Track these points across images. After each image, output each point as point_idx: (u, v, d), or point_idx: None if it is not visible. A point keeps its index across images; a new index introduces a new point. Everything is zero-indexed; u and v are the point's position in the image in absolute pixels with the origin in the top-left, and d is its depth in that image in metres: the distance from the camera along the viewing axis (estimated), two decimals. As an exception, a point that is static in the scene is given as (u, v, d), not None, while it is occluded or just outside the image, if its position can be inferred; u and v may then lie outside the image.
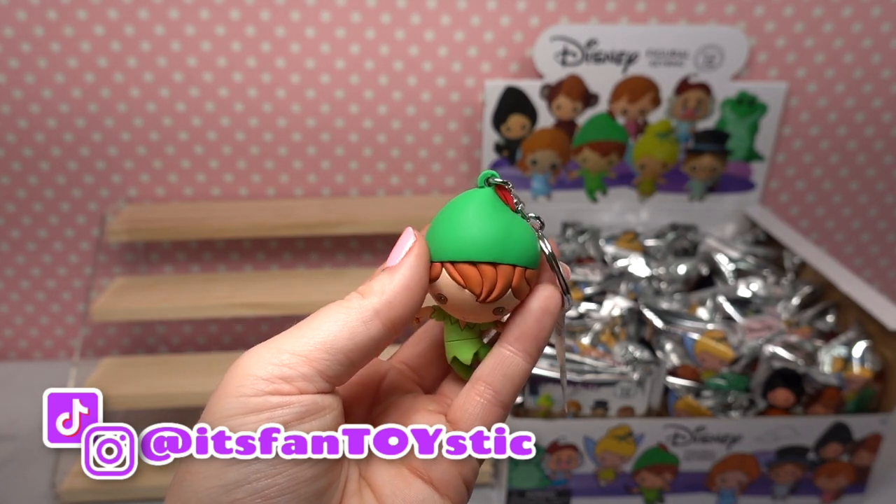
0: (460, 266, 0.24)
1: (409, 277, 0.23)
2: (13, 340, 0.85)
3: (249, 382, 0.21)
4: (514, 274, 0.24)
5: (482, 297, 0.24)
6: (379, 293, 0.23)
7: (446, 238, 0.25)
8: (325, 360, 0.22)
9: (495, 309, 0.24)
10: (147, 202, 0.80)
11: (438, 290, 0.25)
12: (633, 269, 0.72)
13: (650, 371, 0.58)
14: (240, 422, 0.21)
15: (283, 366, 0.22)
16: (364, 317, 0.23)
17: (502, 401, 0.25)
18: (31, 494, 0.64)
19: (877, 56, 0.78)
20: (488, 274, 0.24)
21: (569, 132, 0.78)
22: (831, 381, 0.57)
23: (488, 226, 0.24)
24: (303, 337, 0.22)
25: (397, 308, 0.23)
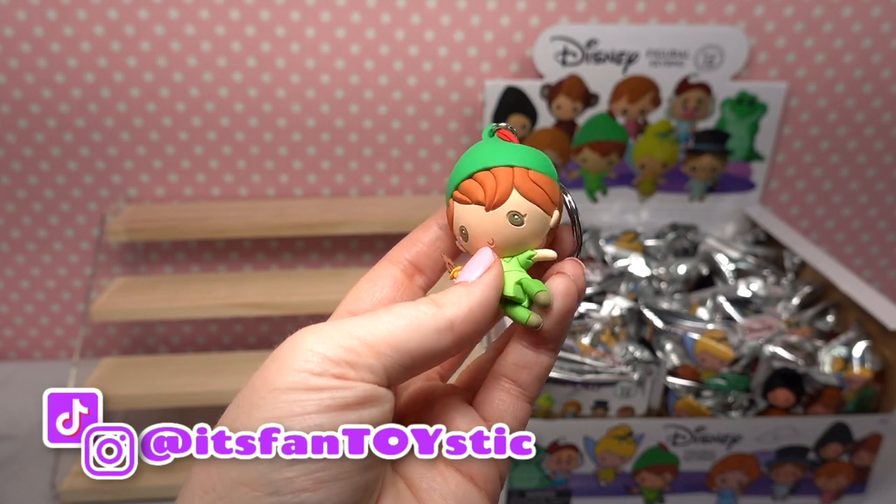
0: (461, 185, 0.24)
1: (487, 296, 0.23)
2: (13, 340, 0.85)
3: (316, 359, 0.21)
4: (515, 173, 0.24)
5: (486, 201, 0.24)
6: (457, 305, 0.23)
7: (449, 184, 0.25)
8: (391, 357, 0.22)
9: (511, 217, 0.24)
10: (147, 202, 0.80)
11: (458, 226, 0.25)
12: (633, 269, 0.72)
13: (650, 371, 0.58)
14: (297, 397, 0.20)
15: (352, 351, 0.21)
16: (439, 325, 0.22)
17: (529, 397, 0.25)
18: (31, 494, 0.64)
19: (877, 56, 0.78)
20: (484, 178, 0.24)
21: (569, 132, 0.78)
22: (831, 381, 0.57)
23: (486, 149, 0.25)
24: (375, 328, 0.22)
25: (471, 324, 0.23)
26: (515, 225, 0.24)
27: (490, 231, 0.24)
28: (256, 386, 0.21)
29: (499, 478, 0.24)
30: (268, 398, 0.20)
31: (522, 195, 0.24)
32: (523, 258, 0.25)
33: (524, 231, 0.24)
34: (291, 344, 0.21)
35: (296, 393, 0.20)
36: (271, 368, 0.21)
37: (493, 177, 0.24)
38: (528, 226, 0.24)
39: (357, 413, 0.21)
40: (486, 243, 0.24)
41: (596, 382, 0.57)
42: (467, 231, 0.24)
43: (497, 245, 0.24)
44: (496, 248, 0.24)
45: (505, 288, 0.24)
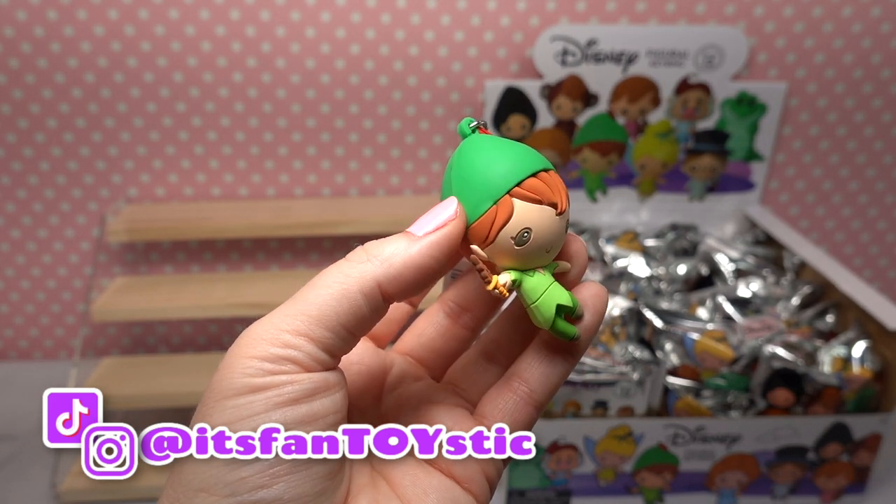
0: (527, 183, 0.22)
1: (430, 259, 0.21)
2: (13, 340, 0.85)
3: (252, 364, 0.20)
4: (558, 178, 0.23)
5: (561, 204, 0.22)
6: (386, 263, 0.21)
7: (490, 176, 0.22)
8: (328, 337, 0.21)
9: (567, 224, 0.23)
10: (147, 202, 0.80)
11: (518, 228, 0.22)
12: (633, 269, 0.72)
13: (650, 371, 0.58)
14: (245, 400, 0.20)
15: (287, 347, 0.21)
16: (364, 287, 0.21)
17: (536, 400, 0.24)
18: (31, 494, 0.64)
19: (877, 56, 0.78)
20: (551, 179, 0.22)
21: (569, 132, 0.78)
22: (831, 381, 0.57)
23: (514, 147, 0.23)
24: (301, 314, 0.21)
25: (400, 285, 0.21)
26: (565, 233, 0.23)
27: (555, 237, 0.22)
28: (206, 399, 0.21)
29: (485, 480, 0.24)
30: (216, 407, 0.20)
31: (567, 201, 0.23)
32: (550, 268, 0.23)
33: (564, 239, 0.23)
34: (229, 355, 0.21)
35: (242, 397, 0.20)
36: (216, 379, 0.21)
37: (558, 180, 0.22)
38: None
39: (308, 405, 0.21)
40: (544, 251, 0.22)
41: (596, 382, 0.57)
42: (531, 234, 0.22)
43: (551, 252, 0.23)
44: (549, 255, 0.23)
45: (563, 299, 0.22)
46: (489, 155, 0.22)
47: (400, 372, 0.26)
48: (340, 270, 0.21)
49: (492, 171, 0.22)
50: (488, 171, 0.22)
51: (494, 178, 0.22)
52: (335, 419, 0.21)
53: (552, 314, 0.22)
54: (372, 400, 0.26)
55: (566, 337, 0.23)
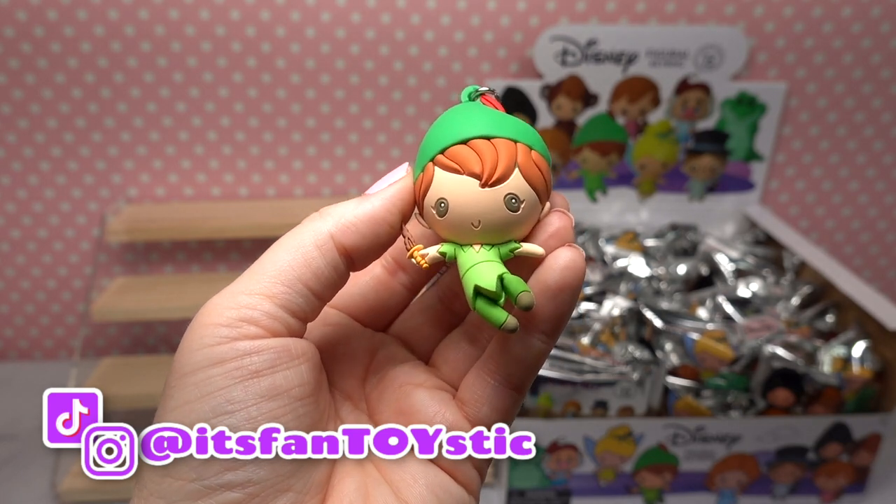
0: (450, 151, 0.21)
1: (379, 209, 0.21)
2: (13, 340, 0.85)
3: (210, 332, 0.20)
4: (518, 149, 0.21)
5: (485, 175, 0.20)
6: (338, 217, 0.21)
7: (427, 145, 0.21)
8: (285, 292, 0.20)
9: (509, 201, 0.20)
10: (147, 202, 0.80)
11: (435, 198, 0.21)
12: (633, 269, 0.72)
13: (650, 371, 0.58)
14: (205, 375, 0.20)
15: (243, 307, 0.20)
16: (318, 240, 0.21)
17: (514, 383, 0.23)
18: (31, 494, 0.64)
19: (877, 56, 0.78)
20: (483, 147, 0.20)
21: (569, 132, 0.78)
22: (831, 380, 0.57)
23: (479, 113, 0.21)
24: (257, 274, 0.21)
25: (354, 237, 0.21)
26: (511, 210, 0.20)
27: (479, 211, 0.20)
28: (169, 377, 0.20)
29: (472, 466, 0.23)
30: (178, 386, 0.20)
31: (524, 177, 0.21)
32: (505, 249, 0.21)
33: (517, 218, 0.21)
34: (188, 328, 0.21)
35: (202, 372, 0.20)
36: (177, 356, 0.20)
37: (494, 148, 0.20)
38: (523, 213, 0.21)
39: (270, 378, 0.20)
40: (470, 225, 0.21)
41: (596, 382, 0.57)
42: (447, 205, 0.20)
43: (483, 229, 0.21)
44: (480, 231, 0.21)
45: (481, 280, 0.20)
46: (444, 121, 0.22)
47: (386, 353, 0.25)
48: (294, 231, 0.21)
49: (432, 137, 0.21)
50: (430, 137, 0.21)
51: (429, 145, 0.21)
52: (301, 392, 0.21)
53: (471, 295, 0.20)
54: (356, 382, 0.25)
55: (493, 324, 0.20)
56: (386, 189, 0.22)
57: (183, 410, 0.20)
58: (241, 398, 0.20)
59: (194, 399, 0.20)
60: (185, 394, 0.20)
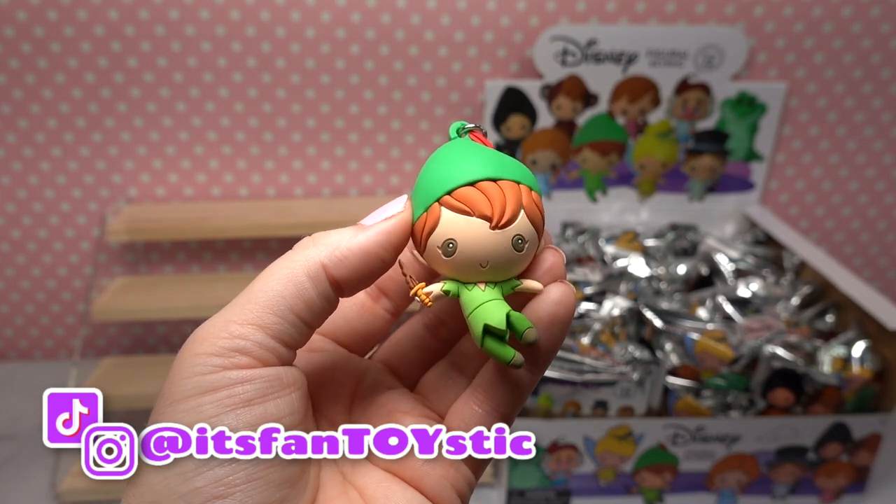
0: (458, 192, 0.21)
1: (373, 244, 0.21)
2: (13, 340, 0.85)
3: (201, 361, 0.20)
4: (522, 191, 0.21)
5: (496, 217, 0.20)
6: (331, 246, 0.21)
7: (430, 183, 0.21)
8: (277, 323, 0.20)
9: (516, 242, 0.21)
10: (147, 202, 0.80)
11: (443, 238, 0.21)
12: (633, 269, 0.72)
13: (650, 371, 0.58)
14: (195, 403, 0.19)
15: (235, 337, 0.20)
16: (310, 270, 0.21)
17: (502, 413, 0.23)
18: (31, 494, 0.64)
19: (877, 56, 0.78)
20: (492, 190, 0.21)
21: (569, 132, 0.78)
22: (831, 380, 0.57)
23: (478, 153, 0.22)
24: (249, 303, 0.21)
25: (346, 269, 0.21)
26: (517, 250, 0.21)
27: (489, 252, 0.21)
28: (158, 404, 0.20)
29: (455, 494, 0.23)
30: (167, 412, 0.20)
31: (529, 218, 0.21)
32: (507, 287, 0.22)
33: (521, 257, 0.21)
34: (179, 354, 0.21)
35: (193, 400, 0.20)
36: (167, 383, 0.20)
37: (502, 191, 0.21)
38: (526, 252, 0.21)
39: (262, 406, 0.20)
40: (478, 266, 0.21)
41: (596, 382, 0.57)
42: (456, 246, 0.21)
43: (490, 268, 0.21)
44: (487, 270, 0.21)
45: (491, 319, 0.21)
46: (444, 159, 0.22)
47: (372, 380, 0.25)
48: (287, 258, 0.21)
49: (434, 176, 0.22)
50: (432, 175, 0.22)
51: (432, 184, 0.21)
52: (291, 421, 0.21)
53: (479, 334, 0.21)
54: (342, 408, 0.25)
55: (500, 360, 0.21)
56: (382, 223, 0.21)
57: None
58: (231, 426, 0.19)
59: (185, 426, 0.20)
60: (175, 420, 0.20)
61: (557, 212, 0.81)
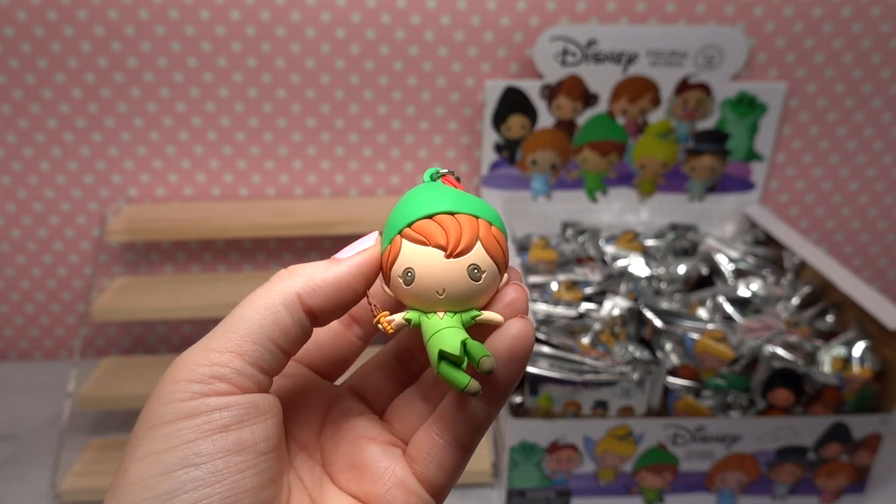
0: (416, 224, 0.22)
1: (346, 276, 0.22)
2: (13, 340, 0.85)
3: (182, 388, 0.21)
4: (480, 224, 0.22)
5: (450, 247, 0.22)
6: (306, 277, 0.22)
7: (395, 219, 0.23)
8: (255, 350, 0.21)
9: (471, 271, 0.22)
10: (147, 202, 0.80)
11: (403, 267, 0.22)
12: (633, 269, 0.72)
13: (650, 371, 0.58)
14: (174, 428, 0.20)
15: (215, 365, 0.21)
16: (286, 299, 0.22)
17: (462, 444, 0.23)
18: (31, 494, 0.64)
19: (877, 56, 0.78)
20: (448, 221, 0.22)
21: (569, 132, 0.78)
22: (831, 380, 0.57)
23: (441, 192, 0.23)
24: (228, 332, 0.22)
25: (320, 299, 0.22)
26: (473, 280, 0.22)
27: (444, 280, 0.22)
28: (137, 428, 0.21)
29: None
30: (146, 437, 0.20)
31: (485, 249, 0.22)
32: (467, 317, 0.23)
33: (479, 287, 0.22)
34: (160, 381, 0.21)
35: (172, 425, 0.20)
36: (147, 408, 0.21)
37: (458, 223, 0.22)
38: (484, 283, 0.22)
39: (238, 433, 0.21)
40: (434, 294, 0.22)
41: (596, 382, 0.57)
42: (414, 275, 0.22)
43: (447, 297, 0.22)
44: (444, 299, 0.22)
45: (446, 345, 0.21)
46: (411, 198, 0.23)
47: (342, 406, 0.26)
48: (264, 289, 0.22)
49: (399, 212, 0.23)
50: (398, 212, 0.23)
51: (397, 220, 0.23)
52: (265, 447, 0.21)
53: (435, 358, 0.22)
54: (312, 433, 0.25)
55: (455, 386, 0.22)
56: (354, 256, 0.23)
57: (151, 461, 0.20)
58: (207, 451, 0.20)
59: (163, 450, 0.20)
60: (154, 444, 0.20)
61: (557, 212, 0.81)
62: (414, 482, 0.24)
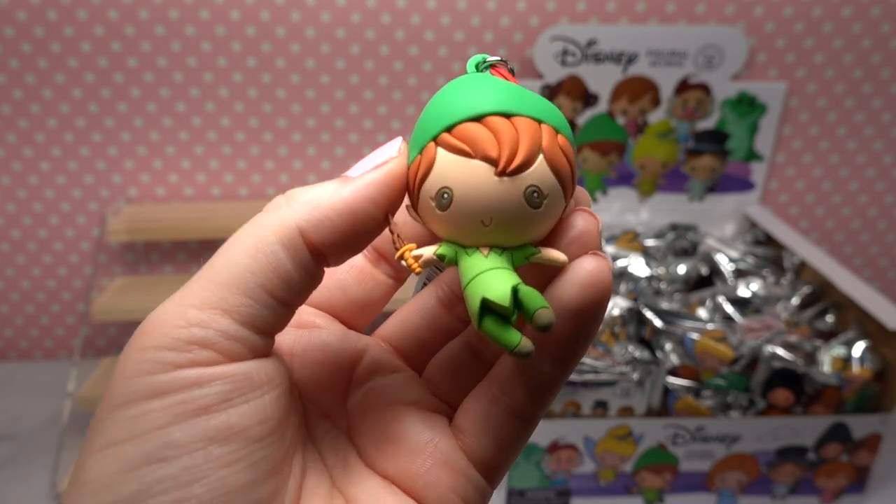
0: (459, 129, 0.17)
1: (360, 199, 0.17)
2: (13, 340, 0.85)
3: (150, 357, 0.16)
4: (543, 131, 0.17)
5: (503, 161, 0.16)
6: (309, 205, 0.17)
7: (428, 120, 0.18)
8: (246, 305, 0.16)
9: (530, 195, 0.17)
10: (147, 202, 0.80)
11: (437, 186, 0.17)
12: (633, 269, 0.72)
13: (650, 371, 0.58)
14: (139, 410, 0.15)
15: (193, 326, 0.16)
16: (284, 235, 0.17)
17: (524, 413, 0.19)
18: (31, 494, 0.64)
19: (877, 56, 0.78)
20: (501, 126, 0.17)
21: (569, 132, 0.78)
22: (831, 380, 0.57)
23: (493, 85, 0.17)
24: (210, 281, 0.16)
25: (328, 232, 0.17)
26: (532, 206, 0.17)
27: (492, 206, 0.17)
28: (100, 409, 0.16)
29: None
30: (108, 420, 0.16)
31: (550, 165, 0.17)
32: (519, 255, 0.18)
33: (538, 216, 0.17)
34: (125, 348, 0.16)
35: (136, 405, 0.15)
36: (110, 384, 0.16)
37: (515, 128, 0.17)
38: (545, 210, 0.17)
39: (224, 415, 0.16)
40: (479, 223, 0.17)
41: (596, 382, 0.57)
42: (451, 196, 0.17)
43: (495, 227, 0.17)
44: (491, 230, 0.17)
45: (491, 292, 0.16)
46: (450, 92, 0.18)
47: (372, 361, 0.21)
48: (255, 222, 0.17)
49: (434, 110, 0.18)
50: (432, 110, 0.18)
51: (430, 120, 0.18)
52: (260, 431, 0.16)
53: (475, 310, 0.17)
54: (336, 396, 0.21)
55: (502, 347, 0.17)
56: (370, 172, 0.17)
57: (110, 453, 0.15)
58: (182, 441, 0.15)
59: (125, 439, 0.15)
60: (114, 431, 0.15)
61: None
62: (462, 459, 0.19)
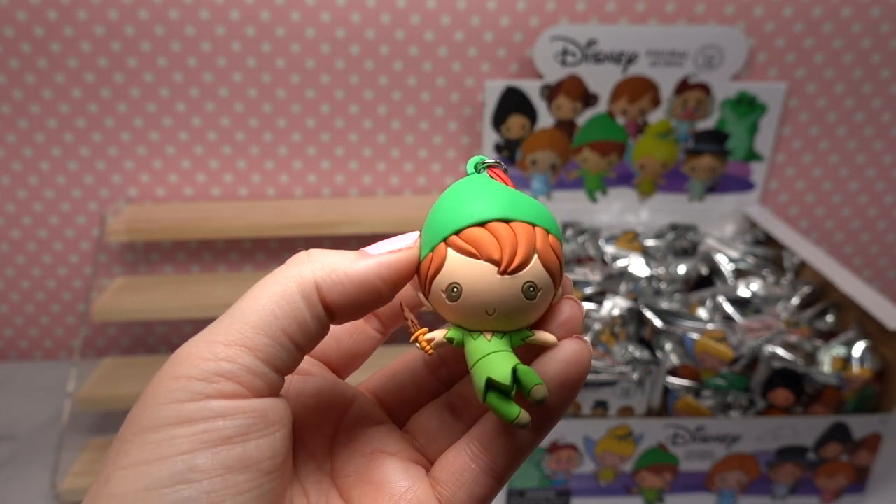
0: (466, 232, 0.20)
1: (375, 275, 0.20)
2: (13, 340, 0.85)
3: (182, 386, 0.18)
4: (537, 234, 0.20)
5: (504, 262, 0.19)
6: (328, 266, 0.19)
7: (438, 222, 0.20)
8: (268, 345, 0.18)
9: (527, 289, 0.19)
10: (147, 202, 0.80)
11: (448, 282, 0.20)
12: (633, 269, 0.72)
13: (650, 371, 0.58)
14: (168, 434, 0.17)
15: (221, 360, 0.18)
16: (304, 288, 0.19)
17: (498, 473, 0.21)
18: (31, 494, 0.64)
19: (877, 56, 0.78)
20: (503, 232, 0.19)
21: (568, 132, 0.78)
22: (831, 380, 0.57)
23: (492, 191, 0.20)
24: (237, 322, 0.19)
25: (339, 294, 0.19)
26: (528, 298, 0.19)
27: (496, 299, 0.19)
28: (125, 429, 0.18)
29: None
30: (135, 441, 0.17)
31: (543, 263, 0.20)
32: (517, 338, 0.20)
33: (532, 306, 0.20)
34: (157, 376, 0.18)
35: (166, 430, 0.17)
36: (138, 405, 0.18)
37: (514, 233, 0.19)
38: (539, 301, 0.20)
39: (242, 447, 0.18)
40: (484, 313, 0.20)
41: (596, 382, 0.57)
42: (461, 291, 0.19)
43: (497, 317, 0.20)
44: (494, 319, 0.20)
45: (495, 373, 0.19)
46: (456, 196, 0.20)
47: (360, 411, 0.23)
48: (280, 273, 0.20)
49: (444, 214, 0.20)
50: (441, 214, 0.20)
51: (440, 223, 0.20)
52: (271, 465, 0.18)
53: (481, 387, 0.19)
54: (323, 440, 0.22)
55: (503, 418, 0.19)
56: (387, 255, 0.20)
57: (137, 472, 0.17)
58: (205, 467, 0.17)
59: (153, 460, 0.17)
60: (143, 452, 0.17)
61: (557, 212, 0.81)
62: None
